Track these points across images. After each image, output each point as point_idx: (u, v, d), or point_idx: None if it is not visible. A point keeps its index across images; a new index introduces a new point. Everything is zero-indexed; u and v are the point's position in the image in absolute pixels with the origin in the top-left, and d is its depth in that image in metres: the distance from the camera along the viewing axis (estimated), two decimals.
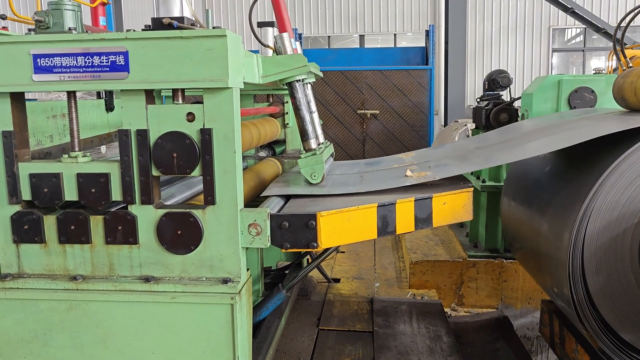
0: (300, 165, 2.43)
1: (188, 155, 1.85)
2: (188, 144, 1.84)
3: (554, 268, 2.55)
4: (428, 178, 2.36)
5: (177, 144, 1.84)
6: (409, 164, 2.79)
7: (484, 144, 2.86)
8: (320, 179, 2.43)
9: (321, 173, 2.42)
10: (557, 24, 15.29)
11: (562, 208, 2.53)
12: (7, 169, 1.92)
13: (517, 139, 2.74)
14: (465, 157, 2.64)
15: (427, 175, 2.39)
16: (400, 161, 2.94)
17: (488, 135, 3.11)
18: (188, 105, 1.86)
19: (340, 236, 2.07)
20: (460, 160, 2.62)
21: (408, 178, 2.41)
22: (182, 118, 1.84)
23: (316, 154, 2.41)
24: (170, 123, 1.85)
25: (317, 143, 2.51)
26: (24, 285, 1.97)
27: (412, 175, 2.45)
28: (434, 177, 2.35)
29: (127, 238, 1.93)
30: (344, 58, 12.23)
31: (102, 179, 1.90)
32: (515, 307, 4.23)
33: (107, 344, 1.96)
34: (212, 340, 1.91)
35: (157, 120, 1.85)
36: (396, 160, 3.01)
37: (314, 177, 2.43)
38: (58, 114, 2.88)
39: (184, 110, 1.84)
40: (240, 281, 1.92)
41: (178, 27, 1.88)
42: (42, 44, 1.82)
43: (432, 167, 2.58)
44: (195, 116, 1.84)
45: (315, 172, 2.42)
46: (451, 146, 3.06)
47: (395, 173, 2.59)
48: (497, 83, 4.96)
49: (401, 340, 3.14)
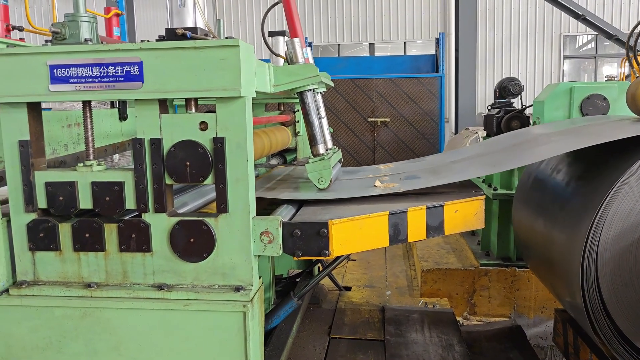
0: (307, 170, 2.44)
1: (201, 163, 1.86)
2: (201, 152, 1.86)
3: (567, 277, 2.53)
4: (394, 189, 2.38)
5: (190, 152, 1.86)
6: (384, 174, 2.83)
7: (460, 157, 2.88)
8: (327, 184, 2.44)
9: (328, 178, 2.43)
10: (568, 31, 15.21)
11: (574, 216, 2.51)
12: (24, 177, 1.95)
13: (496, 153, 2.74)
14: (437, 171, 2.67)
15: (394, 187, 2.42)
16: (377, 171, 2.99)
17: (472, 147, 3.14)
18: (201, 114, 1.88)
19: (352, 244, 2.08)
20: (431, 173, 2.65)
21: (375, 188, 2.43)
22: (195, 127, 1.86)
23: (324, 159, 2.42)
24: (184, 132, 1.87)
25: (325, 148, 2.52)
26: (39, 292, 2.00)
27: (380, 185, 2.48)
28: (400, 189, 2.38)
29: (141, 246, 1.95)
30: (354, 66, 12.27)
31: (116, 187, 1.92)
32: (529, 316, 4.19)
33: (120, 351, 1.98)
34: (225, 348, 1.92)
35: (170, 129, 1.87)
36: (374, 170, 3.06)
37: (321, 182, 2.44)
38: (73, 123, 2.92)
39: (197, 120, 1.86)
40: (252, 289, 1.93)
41: (191, 37, 1.90)
42: (59, 55, 1.85)
43: (403, 178, 2.62)
44: (208, 125, 1.86)
45: (323, 177, 2.43)
46: (431, 159, 3.10)
47: (366, 182, 2.62)
48: (508, 91, 4.94)
49: (413, 349, 3.12)
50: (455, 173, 2.51)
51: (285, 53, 2.59)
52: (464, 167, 2.60)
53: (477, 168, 2.56)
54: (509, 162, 2.59)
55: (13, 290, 2.00)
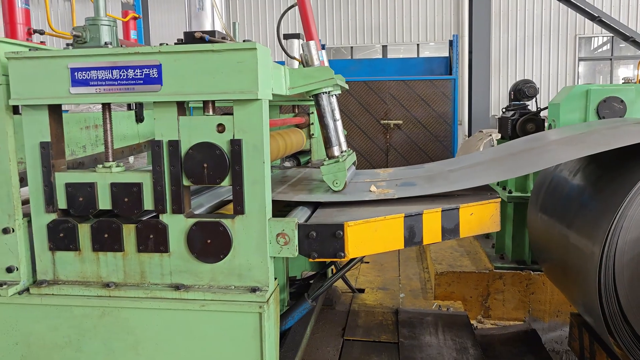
0: (322, 173, 2.45)
1: (218, 165, 1.88)
2: (218, 154, 1.88)
3: (584, 281, 2.51)
4: (388, 196, 2.38)
5: (208, 154, 1.88)
6: (381, 180, 2.83)
7: (458, 165, 2.87)
8: (342, 186, 2.45)
9: (343, 180, 2.44)
10: (583, 33, 15.06)
11: (591, 220, 2.49)
12: (45, 178, 1.99)
13: (495, 162, 2.72)
14: (432, 179, 2.67)
15: (388, 193, 2.42)
16: (375, 176, 2.99)
17: (474, 155, 3.11)
18: (218, 116, 1.90)
19: (368, 246, 2.08)
20: (426, 181, 2.65)
21: (370, 193, 2.44)
22: (213, 129, 1.88)
23: (339, 162, 2.44)
24: (201, 134, 1.89)
25: (340, 151, 2.53)
26: (59, 291, 2.03)
27: (375, 191, 2.49)
28: (394, 195, 2.38)
29: (159, 246, 1.97)
30: (367, 68, 12.27)
31: (134, 188, 1.95)
32: (543, 320, 4.15)
33: (138, 350, 2.00)
34: (240, 349, 1.93)
35: (188, 131, 1.90)
36: (372, 174, 3.07)
37: (336, 185, 2.45)
38: (91, 125, 2.96)
39: (214, 122, 1.88)
40: (268, 290, 1.95)
41: (210, 40, 1.92)
42: (80, 58, 1.89)
43: (399, 185, 2.63)
44: (226, 127, 1.88)
45: (338, 179, 2.44)
46: (429, 167, 3.10)
47: (362, 187, 2.63)
48: (523, 93, 4.91)
49: (427, 352, 3.11)
50: (451, 182, 2.51)
51: (300, 55, 2.61)
52: (459, 177, 2.59)
53: (474, 178, 2.53)
54: (506, 171, 2.59)
55: (33, 289, 2.04)
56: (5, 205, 2.02)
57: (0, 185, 2.01)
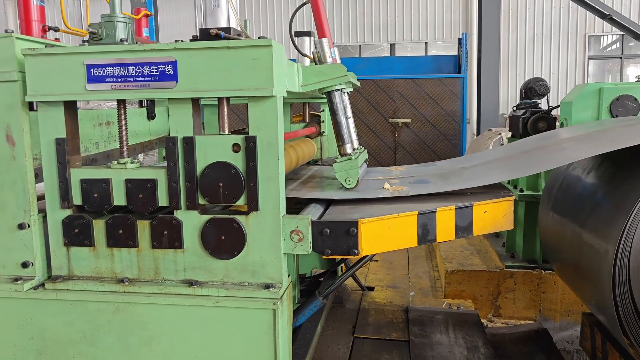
0: (335, 170, 2.45)
1: (234, 185, 1.90)
2: (234, 174, 1.89)
3: (597, 280, 2.49)
4: (402, 193, 2.38)
5: (223, 174, 1.90)
6: (394, 177, 2.82)
7: (471, 163, 2.85)
8: (354, 183, 2.45)
9: (355, 177, 2.44)
10: (593, 31, 14.96)
11: (606, 218, 2.48)
12: (60, 174, 2.00)
13: (508, 159, 2.71)
14: (446, 177, 2.66)
15: (402, 190, 2.42)
16: (387, 174, 2.98)
17: (486, 152, 3.10)
18: (233, 136, 1.91)
19: (381, 243, 2.08)
20: (440, 178, 2.64)
21: (384, 191, 2.43)
22: (228, 149, 1.89)
23: (351, 159, 2.43)
24: (217, 154, 1.90)
25: (352, 148, 2.53)
26: (74, 287, 2.04)
27: (389, 188, 2.48)
28: (408, 192, 2.37)
29: (173, 243, 1.98)
30: (375, 67, 12.24)
31: (149, 184, 1.95)
32: (554, 319, 4.13)
33: (152, 345, 2.01)
34: (254, 345, 1.94)
35: (204, 150, 1.91)
36: (384, 172, 3.06)
37: (349, 182, 2.45)
38: (103, 122, 2.98)
39: (229, 141, 1.90)
40: (281, 287, 1.95)
41: (225, 37, 1.92)
42: (96, 55, 1.90)
43: (412, 182, 2.62)
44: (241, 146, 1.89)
45: (350, 176, 2.44)
46: (441, 164, 3.09)
47: (375, 184, 2.62)
48: (535, 91, 4.88)
49: (438, 350, 3.10)
50: (464, 180, 2.50)
51: (313, 53, 2.60)
52: (472, 174, 2.58)
53: (488, 176, 2.53)
54: (520, 169, 2.57)
55: (48, 285, 2.05)
56: (20, 201, 2.03)
57: (16, 181, 2.03)
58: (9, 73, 1.95)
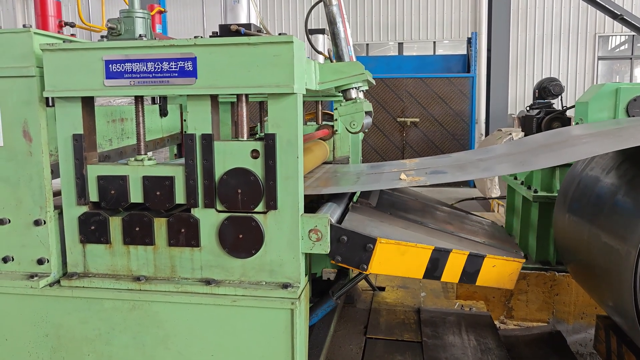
0: (339, 113, 2.39)
1: (252, 191, 1.88)
2: (252, 180, 1.87)
3: (616, 282, 2.45)
4: (420, 183, 2.38)
5: (242, 180, 1.88)
6: (409, 169, 2.81)
7: (488, 155, 2.82)
8: (359, 127, 2.37)
9: (360, 121, 2.36)
10: (603, 31, 14.86)
11: (626, 219, 2.44)
12: (77, 171, 1.98)
13: (526, 152, 2.68)
14: (463, 168, 2.63)
15: (420, 180, 2.41)
16: (402, 166, 2.97)
17: (501, 145, 3.07)
18: (252, 142, 1.90)
19: (390, 266, 2.10)
20: (457, 169, 2.62)
21: (401, 181, 2.42)
22: (247, 155, 1.88)
23: (356, 102, 2.36)
24: (235, 160, 1.89)
25: (356, 93, 2.46)
26: (89, 284, 2.03)
27: (406, 179, 2.46)
28: (426, 182, 2.37)
29: (190, 241, 1.96)
30: (383, 66, 12.21)
31: (167, 182, 1.94)
32: (568, 322, 4.09)
33: (167, 344, 1.99)
34: (272, 345, 1.92)
35: (222, 156, 1.89)
36: (399, 164, 3.05)
37: (353, 126, 2.38)
38: (117, 119, 2.96)
39: (248, 148, 1.89)
40: (299, 286, 1.93)
41: (245, 33, 1.90)
42: (114, 50, 1.88)
43: (429, 173, 2.60)
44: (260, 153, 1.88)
45: (355, 120, 2.37)
46: (456, 156, 3.07)
47: (391, 176, 2.61)
48: (549, 91, 4.84)
49: (451, 351, 3.07)
50: (482, 170, 2.48)
51: (328, 50, 2.58)
52: (491, 165, 2.56)
53: (504, 166, 2.52)
54: (538, 161, 2.53)
55: (64, 282, 2.04)
56: (37, 198, 2.02)
57: (32, 177, 2.01)
58: (27, 68, 1.93)
